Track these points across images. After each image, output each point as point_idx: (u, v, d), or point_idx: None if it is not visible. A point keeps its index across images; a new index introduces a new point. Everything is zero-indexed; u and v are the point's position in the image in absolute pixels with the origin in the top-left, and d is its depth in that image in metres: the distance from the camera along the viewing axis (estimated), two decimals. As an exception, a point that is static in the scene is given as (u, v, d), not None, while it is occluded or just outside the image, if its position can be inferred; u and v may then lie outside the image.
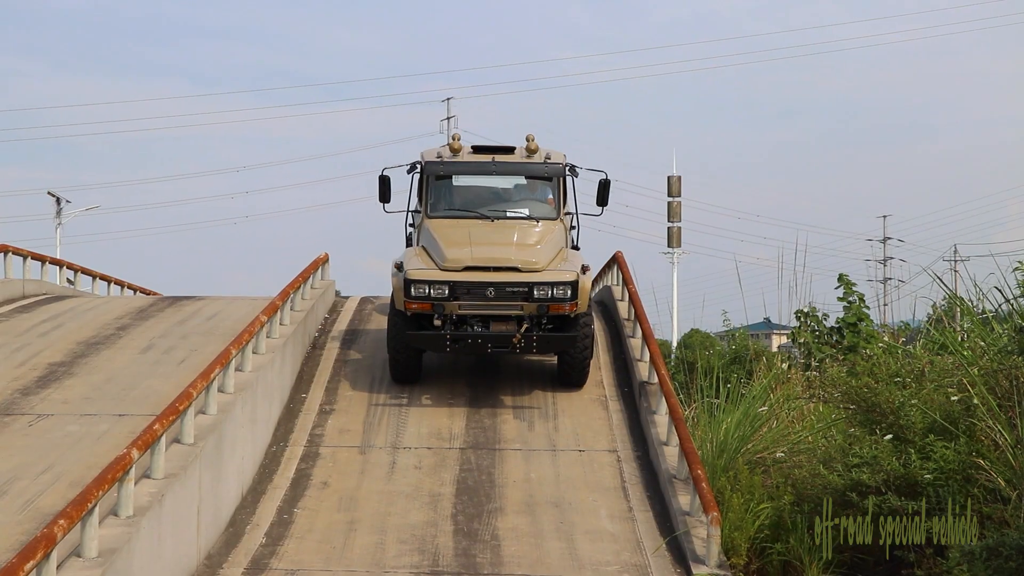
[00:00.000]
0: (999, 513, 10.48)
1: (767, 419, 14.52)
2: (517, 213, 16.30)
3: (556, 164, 16.42)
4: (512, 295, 14.95)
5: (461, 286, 14.93)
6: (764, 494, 12.40)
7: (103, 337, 17.41)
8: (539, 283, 14.92)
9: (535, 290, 14.92)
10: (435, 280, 14.96)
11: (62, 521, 8.48)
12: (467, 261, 15.06)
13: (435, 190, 16.43)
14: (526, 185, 16.72)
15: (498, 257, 15.17)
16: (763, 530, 12.03)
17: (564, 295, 14.95)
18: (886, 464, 11.34)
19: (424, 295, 14.97)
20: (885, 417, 12.20)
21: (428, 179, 16.39)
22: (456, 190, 16.61)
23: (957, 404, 11.81)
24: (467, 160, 16.52)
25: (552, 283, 14.92)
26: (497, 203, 16.52)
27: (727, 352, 22.61)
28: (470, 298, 14.94)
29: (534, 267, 15.07)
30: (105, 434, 12.55)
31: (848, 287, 20.26)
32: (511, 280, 14.95)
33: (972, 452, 11.12)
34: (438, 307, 14.94)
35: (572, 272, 15.11)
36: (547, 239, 15.66)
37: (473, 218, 16.05)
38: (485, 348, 15.05)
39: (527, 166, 16.48)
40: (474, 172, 16.54)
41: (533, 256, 15.24)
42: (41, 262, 24.08)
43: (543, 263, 15.17)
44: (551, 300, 14.92)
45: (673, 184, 42.66)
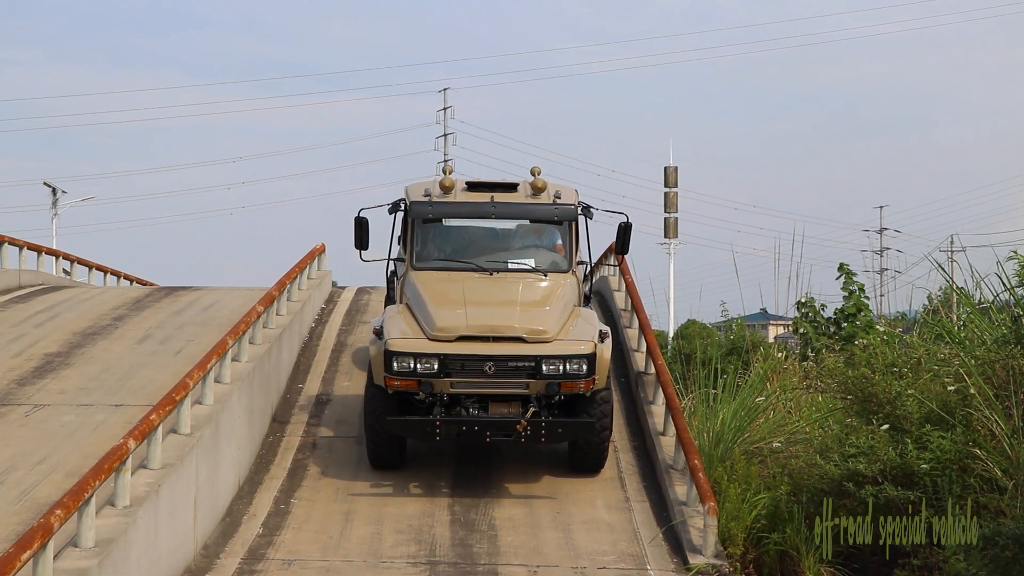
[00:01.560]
0: (995, 503, 10.49)
1: (764, 409, 14.53)
2: (521, 264, 13.87)
3: (567, 205, 13.85)
4: (516, 371, 12.43)
5: (454, 360, 12.41)
6: (761, 484, 12.41)
7: (99, 327, 17.39)
8: (549, 356, 12.42)
9: (544, 365, 12.40)
10: (422, 352, 12.44)
11: (59, 511, 8.47)
12: (461, 329, 12.54)
13: (422, 235, 13.86)
14: (531, 230, 14.27)
15: (499, 324, 12.63)
16: (760, 520, 12.05)
17: (579, 371, 12.41)
18: (883, 454, 11.35)
19: (408, 370, 12.42)
20: (882, 407, 12.22)
21: (414, 222, 13.82)
22: (448, 236, 14.12)
23: (954, 394, 11.82)
24: (461, 200, 13.94)
25: (564, 356, 12.44)
26: (497, 252, 14.04)
27: (724, 343, 22.63)
28: (465, 375, 12.42)
29: (542, 336, 12.54)
30: (101, 424, 12.54)
31: (848, 277, 20.28)
32: (515, 353, 12.47)
33: (968, 442, 11.13)
34: (425, 385, 12.38)
35: (588, 342, 12.62)
36: (557, 298, 13.20)
37: (468, 270, 13.58)
38: (483, 436, 12.37)
39: (533, 208, 13.93)
40: (469, 214, 13.98)
41: (541, 322, 12.69)
42: (37, 252, 24.05)
43: (553, 330, 12.65)
44: (563, 377, 12.43)
45: (670, 174, 42.64)
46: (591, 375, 12.51)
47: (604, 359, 12.78)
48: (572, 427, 12.64)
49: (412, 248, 13.81)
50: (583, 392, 12.57)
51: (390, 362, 12.43)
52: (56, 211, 50.77)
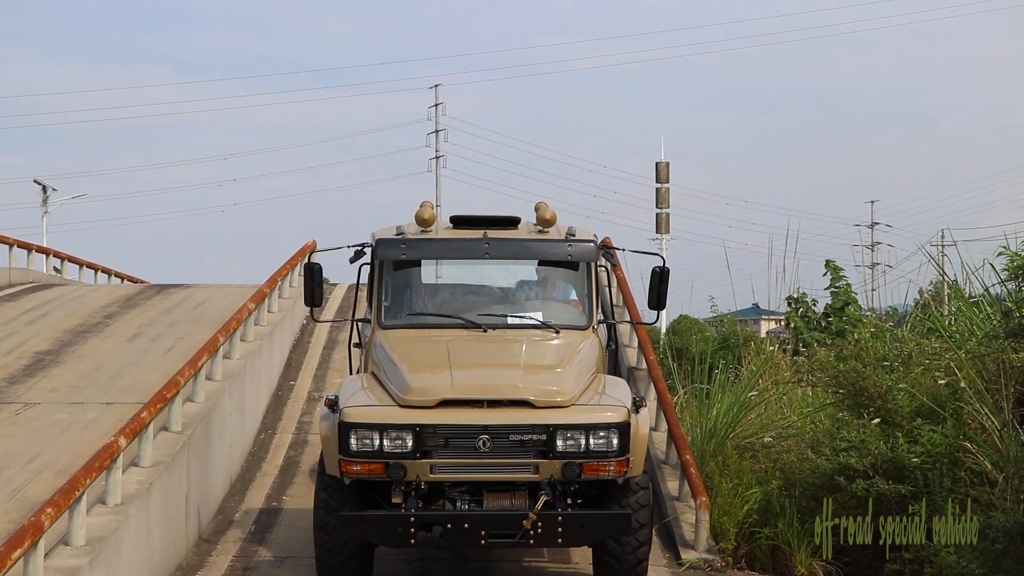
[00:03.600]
0: (986, 496, 10.52)
1: (756, 404, 14.55)
2: (525, 320, 10.60)
3: (586, 243, 10.69)
4: (521, 448, 9.26)
5: (435, 433, 9.24)
6: (753, 479, 12.44)
7: (90, 325, 17.37)
8: (566, 426, 9.26)
9: (559, 438, 9.25)
10: (391, 423, 9.24)
11: (50, 510, 8.46)
12: (445, 391, 9.40)
13: (394, 285, 10.70)
14: (539, 277, 11.09)
15: (496, 384, 9.50)
16: (752, 515, 12.06)
17: (607, 447, 9.26)
18: (874, 448, 11.37)
19: (372, 449, 9.22)
20: (873, 401, 12.23)
21: (383, 268, 10.64)
22: (428, 285, 11.10)
23: (944, 388, 11.84)
24: (445, 237, 10.83)
25: (587, 426, 9.28)
26: (493, 305, 10.94)
27: (715, 338, 22.65)
28: (450, 453, 9.26)
29: (555, 399, 9.39)
30: (92, 422, 12.53)
31: (835, 273, 20.30)
32: (519, 422, 9.28)
33: (959, 435, 11.15)
34: (396, 470, 9.18)
35: (618, 407, 9.45)
36: (574, 359, 10.01)
37: (454, 327, 10.41)
38: (476, 537, 9.15)
39: (540, 245, 10.76)
40: (456, 255, 10.94)
41: (554, 382, 9.58)
42: (27, 250, 24.01)
43: (569, 393, 9.49)
44: (586, 455, 9.25)
45: (661, 170, 42.67)
46: (623, 453, 9.28)
47: (641, 435, 9.57)
48: (600, 523, 9.34)
49: (380, 302, 10.61)
50: (614, 477, 9.36)
51: (346, 438, 9.24)
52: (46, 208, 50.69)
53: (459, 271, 11.45)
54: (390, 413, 9.41)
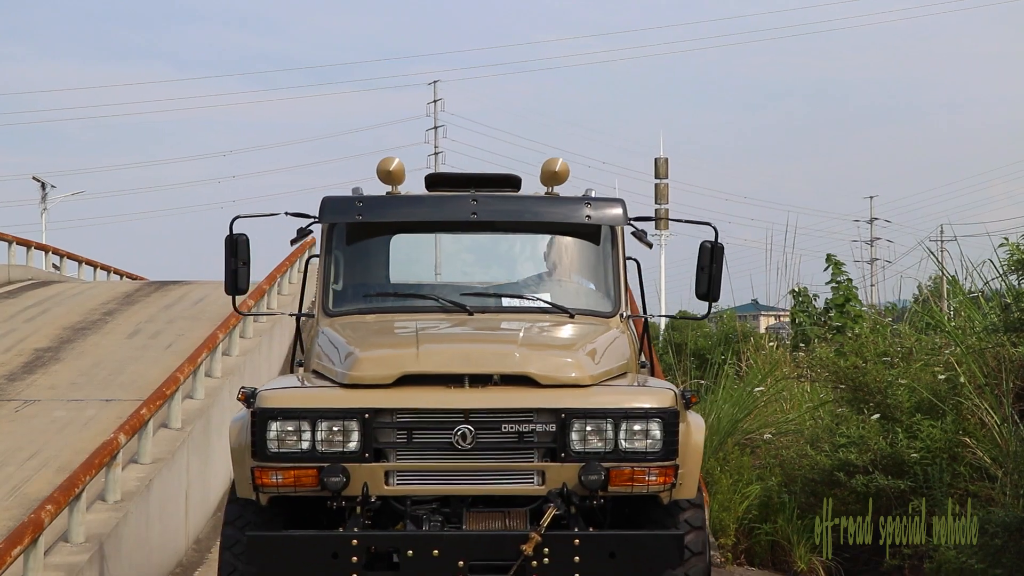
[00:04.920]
0: (985, 491, 10.51)
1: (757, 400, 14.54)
2: (526, 302, 8.05)
3: (611, 204, 8.18)
4: (519, 444, 6.76)
5: (392, 423, 6.75)
6: (753, 475, 12.44)
7: (89, 322, 17.37)
8: (585, 412, 6.75)
9: (575, 429, 6.74)
10: (328, 410, 6.74)
11: (49, 507, 8.47)
12: (407, 363, 6.87)
13: (347, 263, 8.17)
14: (547, 252, 8.48)
15: (483, 354, 7.03)
16: (751, 511, 12.08)
17: (646, 444, 6.74)
18: (873, 443, 11.36)
19: (299, 450, 6.70)
20: (872, 397, 12.22)
21: (331, 239, 8.14)
22: (395, 260, 8.46)
23: (944, 383, 11.83)
24: (420, 197, 8.31)
25: (617, 412, 6.76)
26: (483, 283, 8.46)
27: (714, 334, 22.64)
28: (415, 454, 6.76)
29: (569, 377, 6.91)
30: (92, 419, 12.53)
31: (836, 267, 20.29)
32: (516, 405, 6.78)
33: (959, 431, 11.15)
34: (334, 478, 6.64)
35: (661, 391, 7.02)
36: (595, 343, 7.44)
37: (429, 311, 7.88)
38: (452, 571, 6.59)
39: (548, 207, 8.23)
40: (432, 219, 8.23)
41: (566, 355, 7.13)
42: (26, 247, 24.02)
43: (588, 372, 7.00)
44: (615, 456, 6.73)
45: (660, 166, 42.64)
46: (670, 457, 6.71)
47: (695, 442, 7.06)
48: (639, 548, 6.63)
49: (327, 283, 8.05)
50: (655, 494, 6.80)
51: (263, 434, 6.65)
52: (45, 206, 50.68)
53: (438, 246, 8.67)
54: (327, 395, 6.88)
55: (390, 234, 8.40)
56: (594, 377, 7.02)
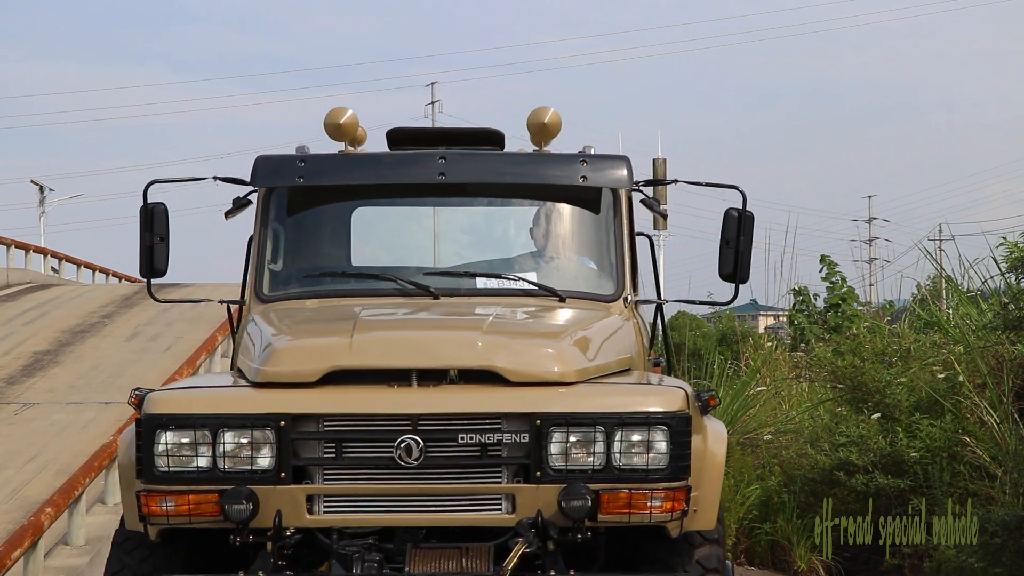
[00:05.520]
0: (985, 490, 10.52)
1: (756, 400, 14.55)
2: (506, 284, 6.61)
3: (612, 162, 6.79)
4: (480, 459, 5.33)
5: (318, 432, 5.35)
6: (753, 475, 12.45)
7: (88, 325, 17.37)
8: (566, 417, 5.32)
9: (554, 439, 5.32)
10: (234, 416, 5.31)
11: (49, 509, 8.47)
12: (338, 356, 5.47)
13: (287, 237, 6.79)
14: (537, 220, 7.01)
15: (435, 345, 5.64)
16: (752, 510, 12.08)
17: (647, 458, 5.31)
18: (873, 443, 11.37)
19: (195, 468, 5.29)
20: (871, 396, 12.23)
21: (267, 208, 6.73)
22: (347, 233, 7.00)
23: (943, 382, 11.84)
24: (376, 155, 7.00)
25: (608, 419, 5.33)
26: (452, 259, 7.08)
27: (713, 333, 22.65)
28: (347, 473, 5.34)
29: (546, 373, 5.51)
30: (91, 422, 12.53)
31: (831, 268, 20.30)
32: (476, 409, 5.35)
33: (958, 430, 11.15)
34: (236, 504, 5.21)
35: (668, 392, 5.58)
36: (589, 332, 6.13)
37: (385, 294, 6.51)
38: None
39: (534, 166, 6.93)
40: (391, 180, 6.83)
41: (545, 347, 5.71)
42: (25, 251, 24.03)
43: (573, 366, 5.60)
44: (606, 475, 5.31)
45: (659, 166, 42.52)
46: (679, 476, 5.33)
47: (713, 456, 5.74)
48: None
49: (261, 261, 6.63)
50: (659, 525, 5.38)
51: (150, 448, 5.27)
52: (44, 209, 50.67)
53: (401, 219, 7.27)
54: (233, 398, 5.50)
55: (341, 201, 6.92)
56: (581, 373, 5.55)
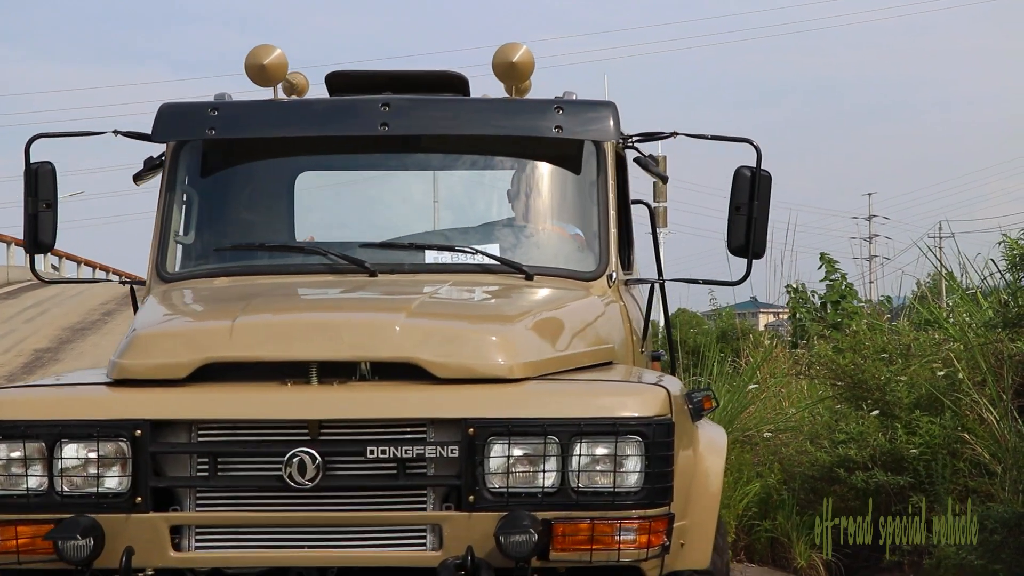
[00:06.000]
0: (984, 487, 10.54)
1: (755, 398, 14.57)
2: (461, 258, 5.44)
3: (594, 118, 5.62)
4: (398, 478, 4.15)
5: (189, 444, 4.22)
6: (752, 472, 12.47)
7: (89, 323, 17.40)
8: (508, 424, 4.09)
9: (493, 452, 4.12)
10: (70, 422, 4.19)
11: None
12: (213, 346, 4.36)
13: (201, 203, 5.80)
14: (514, 181, 5.82)
15: (340, 330, 4.34)
16: (751, 508, 12.10)
17: (614, 479, 4.10)
18: (872, 440, 11.39)
19: (24, 491, 4.12)
20: (871, 393, 12.25)
21: (176, 168, 5.71)
22: (275, 196, 6.00)
23: (943, 379, 11.86)
24: (306, 103, 5.97)
25: (562, 425, 4.11)
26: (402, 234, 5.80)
27: (713, 331, 22.68)
28: (224, 496, 4.20)
29: (483, 366, 4.31)
30: (92, 420, 12.55)
31: (830, 266, 20.32)
32: (391, 415, 4.17)
33: (958, 427, 11.18)
34: (72, 539, 3.97)
35: (644, 391, 4.33)
36: (553, 312, 5.06)
37: (313, 271, 5.39)
38: None
39: (495, 113, 5.69)
40: (322, 132, 5.57)
41: (486, 333, 4.51)
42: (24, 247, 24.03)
43: (521, 358, 4.42)
44: (562, 501, 4.12)
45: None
46: (658, 500, 4.19)
47: (707, 474, 4.79)
48: None
49: (165, 231, 5.69)
50: (633, 563, 4.22)
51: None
52: (44, 207, 50.76)
53: (338, 180, 6.17)
54: (77, 399, 4.48)
55: (266, 159, 5.75)
56: (533, 367, 4.38)
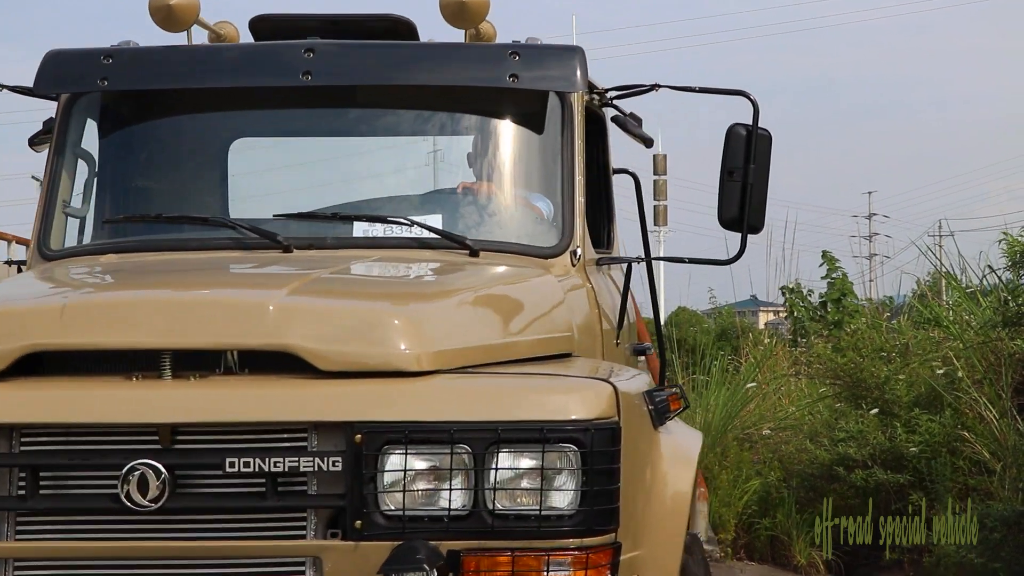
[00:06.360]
0: (984, 485, 10.55)
1: (755, 396, 14.58)
2: (394, 232, 4.54)
3: (556, 65, 4.74)
4: (265, 490, 3.26)
5: (6, 450, 3.28)
6: (752, 471, 12.48)
7: None
8: (407, 427, 3.23)
9: (388, 460, 3.25)
10: None
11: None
12: (39, 332, 3.39)
13: (102, 171, 4.87)
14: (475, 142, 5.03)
15: (200, 311, 3.49)
16: (751, 506, 12.11)
17: (541, 499, 3.26)
18: (872, 438, 11.40)
19: None
20: (871, 392, 12.26)
21: (71, 127, 4.76)
22: (182, 160, 5.02)
23: (942, 377, 11.87)
24: (217, 48, 5.04)
25: (478, 431, 3.24)
26: (334, 203, 4.95)
27: (712, 329, 22.69)
28: (48, 516, 3.30)
29: (373, 356, 3.39)
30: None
31: (831, 264, 20.32)
32: (255, 416, 3.29)
33: (957, 425, 11.18)
34: None
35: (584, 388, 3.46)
36: (488, 291, 4.14)
37: (222, 246, 4.49)
38: None
39: (444, 65, 4.86)
40: (235, 83, 4.78)
41: (385, 316, 3.56)
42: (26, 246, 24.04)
43: (428, 347, 3.48)
44: (475, 528, 3.28)
45: (659, 162, 42.60)
46: (601, 525, 3.32)
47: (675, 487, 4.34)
48: None
49: (51, 201, 4.74)
50: None
51: None
52: (44, 205, 50.72)
53: (259, 140, 5.30)
54: None
55: (173, 115, 4.91)
56: (448, 357, 3.50)
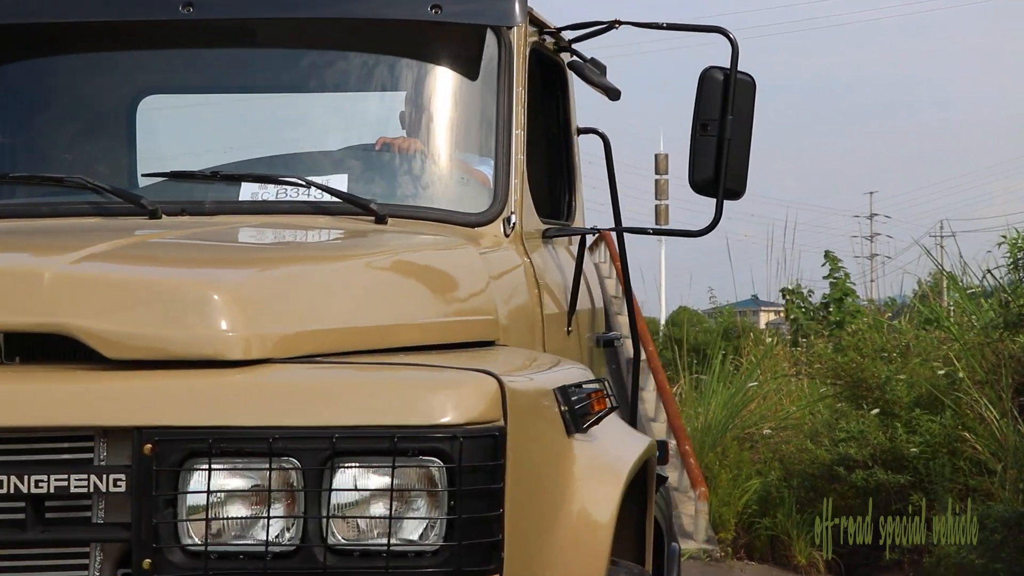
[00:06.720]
0: (984, 485, 10.55)
1: (756, 396, 14.58)
2: (293, 194, 3.70)
3: (499, 2, 4.07)
4: (19, 517, 2.45)
5: None
6: (752, 470, 12.48)
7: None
8: (206, 434, 2.43)
9: (192, 477, 2.46)
10: None
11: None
12: None
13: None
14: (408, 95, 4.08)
15: None
16: (751, 505, 12.11)
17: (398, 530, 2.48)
18: (872, 438, 11.40)
19: None
20: (871, 392, 12.26)
21: None
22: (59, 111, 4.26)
23: (943, 378, 11.87)
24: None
25: (313, 438, 2.47)
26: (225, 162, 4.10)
27: (713, 329, 22.66)
28: None
29: (167, 341, 2.52)
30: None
31: (834, 264, 20.31)
32: (19, 420, 2.46)
33: (958, 425, 11.18)
34: None
35: (461, 383, 2.61)
36: (369, 261, 3.24)
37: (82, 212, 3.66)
38: None
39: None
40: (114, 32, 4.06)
41: (201, 290, 2.64)
42: None
43: (256, 329, 2.63)
44: (305, 563, 2.45)
45: (660, 162, 42.57)
46: (479, 565, 2.50)
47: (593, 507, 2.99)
48: None
49: None
50: None
51: None
52: (45, 202, 50.67)
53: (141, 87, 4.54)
54: None
55: (43, 56, 4.30)
56: (288, 343, 2.78)
